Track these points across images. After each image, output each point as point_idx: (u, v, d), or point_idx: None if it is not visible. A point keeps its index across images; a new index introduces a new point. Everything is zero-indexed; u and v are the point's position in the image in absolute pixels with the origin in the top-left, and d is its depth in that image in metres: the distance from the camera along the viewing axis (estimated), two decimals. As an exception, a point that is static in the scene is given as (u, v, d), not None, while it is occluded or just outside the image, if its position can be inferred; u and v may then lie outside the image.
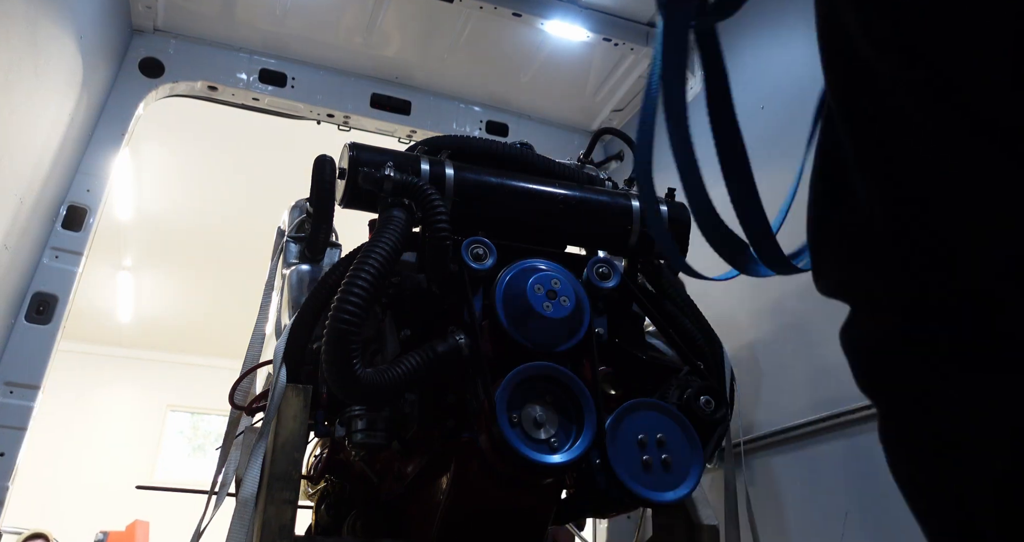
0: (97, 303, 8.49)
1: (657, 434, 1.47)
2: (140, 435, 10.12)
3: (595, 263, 1.64)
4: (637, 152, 0.96)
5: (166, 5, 3.75)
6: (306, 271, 1.89)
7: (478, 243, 1.55)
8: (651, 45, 3.95)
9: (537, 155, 1.83)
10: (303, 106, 4.09)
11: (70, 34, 3.00)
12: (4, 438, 2.91)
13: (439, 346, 1.42)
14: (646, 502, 1.44)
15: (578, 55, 4.18)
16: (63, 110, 3.13)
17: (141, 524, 6.37)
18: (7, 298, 2.97)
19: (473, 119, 4.40)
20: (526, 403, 1.41)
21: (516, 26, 3.92)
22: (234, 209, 6.70)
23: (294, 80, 4.04)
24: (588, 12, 3.85)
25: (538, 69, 4.26)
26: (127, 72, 3.73)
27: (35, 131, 2.91)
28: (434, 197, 1.50)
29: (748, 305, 3.12)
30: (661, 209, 1.82)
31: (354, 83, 4.17)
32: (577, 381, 1.45)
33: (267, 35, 3.99)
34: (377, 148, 1.64)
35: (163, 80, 3.79)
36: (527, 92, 4.40)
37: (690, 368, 1.63)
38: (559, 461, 1.38)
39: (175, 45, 3.87)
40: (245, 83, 3.94)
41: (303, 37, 4.01)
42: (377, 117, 4.18)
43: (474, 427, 1.43)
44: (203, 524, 1.67)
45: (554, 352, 1.51)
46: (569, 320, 1.52)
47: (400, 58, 4.18)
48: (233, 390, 1.82)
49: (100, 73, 3.47)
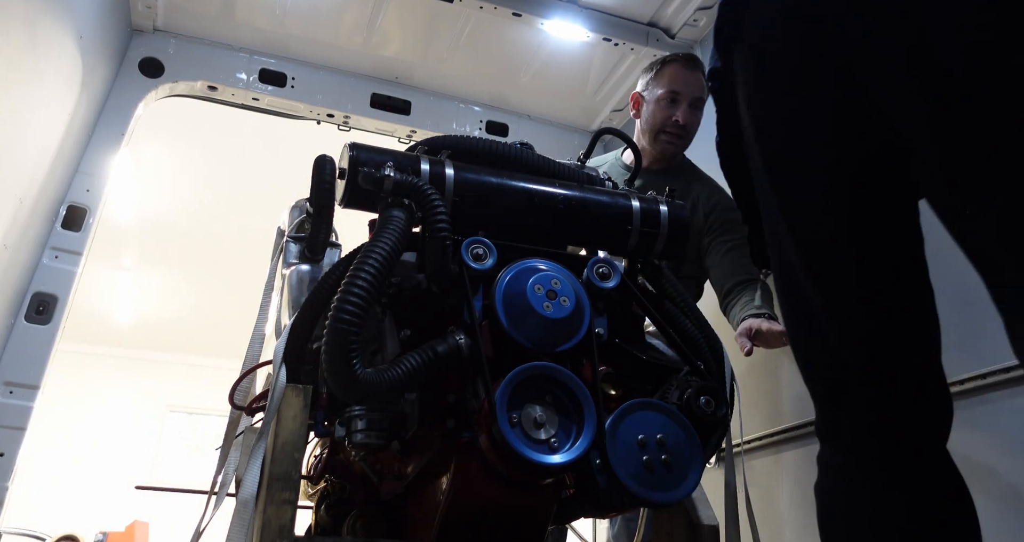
0: (96, 303, 8.49)
1: (657, 434, 1.47)
2: (139, 435, 10.12)
3: (595, 263, 1.64)
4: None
5: (166, 5, 3.75)
6: (306, 271, 1.88)
7: (478, 243, 1.54)
8: (651, 45, 3.95)
9: (537, 155, 1.82)
10: (303, 106, 4.09)
11: (70, 34, 3.00)
12: (4, 438, 2.91)
13: (439, 346, 1.42)
14: (646, 502, 1.44)
15: (578, 55, 4.18)
16: (63, 110, 3.13)
17: (140, 524, 6.37)
18: (7, 298, 2.97)
19: (473, 119, 4.40)
20: (526, 403, 1.41)
21: (516, 26, 3.92)
22: (234, 209, 6.70)
23: (294, 80, 4.04)
24: (588, 12, 3.85)
25: (538, 69, 4.26)
26: (127, 72, 3.73)
27: (35, 131, 2.91)
28: (434, 197, 1.50)
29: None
30: (661, 209, 1.82)
31: (354, 83, 4.17)
32: (577, 381, 1.44)
33: (267, 35, 3.99)
34: (377, 148, 1.64)
35: (163, 80, 3.79)
36: (527, 92, 4.40)
37: (690, 368, 1.63)
38: (559, 461, 1.38)
39: (175, 45, 3.87)
40: (245, 83, 3.94)
41: (303, 37, 4.01)
42: (377, 117, 4.18)
43: (474, 427, 1.43)
44: (202, 524, 1.67)
45: (554, 352, 1.50)
46: (569, 320, 1.52)
47: (400, 58, 4.18)
48: (233, 390, 1.81)
49: (100, 73, 3.47)
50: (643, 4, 3.86)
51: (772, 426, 2.76)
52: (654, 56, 3.97)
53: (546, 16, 3.79)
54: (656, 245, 1.80)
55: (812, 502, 1.30)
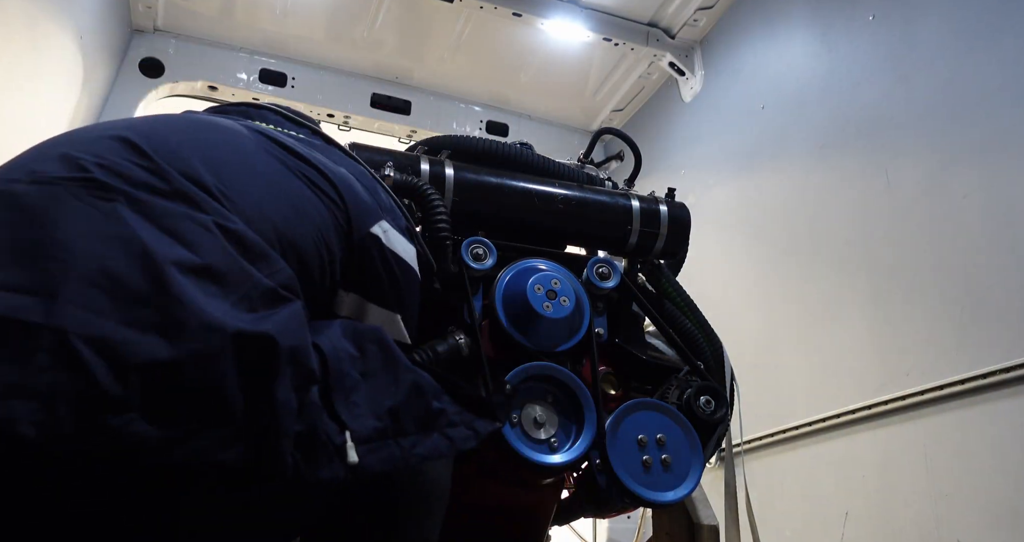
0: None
1: (657, 434, 1.47)
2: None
3: (595, 263, 1.64)
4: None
5: (166, 5, 3.75)
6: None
7: (478, 243, 1.55)
8: (651, 45, 3.95)
9: (537, 155, 1.82)
10: (303, 106, 4.08)
11: (70, 34, 3.00)
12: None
13: (439, 346, 1.42)
14: (646, 502, 1.44)
15: (578, 55, 4.18)
16: (63, 110, 3.13)
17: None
18: (7, 298, 2.96)
19: (473, 119, 4.40)
20: (526, 403, 1.41)
21: (516, 26, 3.92)
22: (234, 209, 6.70)
23: (294, 80, 4.04)
24: (588, 12, 3.85)
25: (538, 69, 4.26)
26: (127, 72, 3.73)
27: (35, 131, 2.91)
28: (434, 197, 1.50)
29: (748, 305, 3.12)
30: (661, 209, 1.82)
31: (354, 83, 4.17)
32: (577, 381, 1.45)
33: (267, 35, 3.99)
34: (377, 148, 1.64)
35: (163, 80, 3.79)
36: (527, 92, 4.40)
37: (690, 368, 1.63)
38: (559, 461, 1.38)
39: (175, 45, 3.87)
40: (245, 83, 3.94)
41: (303, 37, 4.01)
42: (377, 117, 4.18)
43: (474, 427, 1.43)
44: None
45: (554, 352, 1.50)
46: (569, 320, 1.52)
47: (400, 58, 4.18)
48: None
49: (100, 73, 3.47)
50: (643, 4, 3.86)
51: (772, 426, 2.76)
52: (654, 56, 3.97)
53: (546, 16, 3.79)
54: (656, 245, 1.81)
55: (812, 502, 1.30)
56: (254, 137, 1.06)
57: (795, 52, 3.19)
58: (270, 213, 0.95)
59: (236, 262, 0.84)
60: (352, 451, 0.84)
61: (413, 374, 0.99)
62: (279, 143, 1.08)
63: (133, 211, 0.82)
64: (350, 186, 1.09)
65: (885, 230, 2.47)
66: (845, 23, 2.91)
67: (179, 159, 0.92)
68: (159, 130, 0.99)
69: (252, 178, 0.98)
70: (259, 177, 0.99)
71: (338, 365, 0.90)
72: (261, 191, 0.97)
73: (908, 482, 2.18)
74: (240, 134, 1.05)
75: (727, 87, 3.65)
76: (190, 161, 0.93)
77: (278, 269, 0.90)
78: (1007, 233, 2.05)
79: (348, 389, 0.89)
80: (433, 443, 0.96)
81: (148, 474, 0.76)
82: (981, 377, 2.00)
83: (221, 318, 0.76)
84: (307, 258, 0.97)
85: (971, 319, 2.10)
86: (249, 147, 1.03)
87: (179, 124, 1.05)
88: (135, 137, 0.93)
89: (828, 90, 2.92)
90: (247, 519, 0.87)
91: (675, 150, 3.93)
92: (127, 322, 0.72)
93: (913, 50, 2.53)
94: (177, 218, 0.85)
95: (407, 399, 0.96)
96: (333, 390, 0.87)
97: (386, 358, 0.98)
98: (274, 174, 1.01)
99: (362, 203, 1.10)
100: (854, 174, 2.68)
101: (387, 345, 1.00)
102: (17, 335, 0.69)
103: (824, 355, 2.60)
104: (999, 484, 1.93)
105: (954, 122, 2.30)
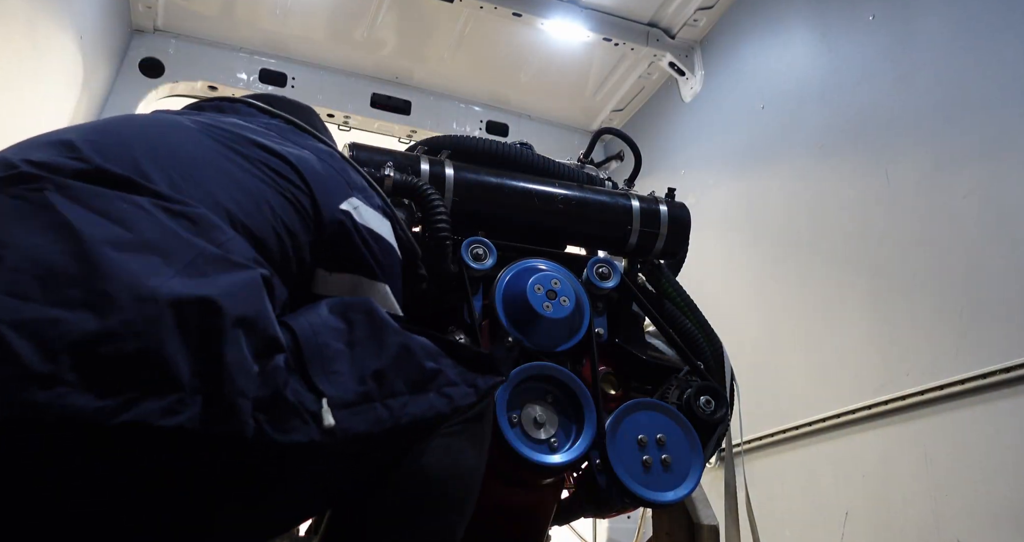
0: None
1: (657, 434, 1.47)
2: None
3: (595, 263, 1.64)
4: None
5: (166, 5, 3.75)
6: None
7: (478, 243, 1.55)
8: (651, 45, 3.95)
9: (537, 155, 1.83)
10: (303, 106, 4.08)
11: (70, 34, 3.00)
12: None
13: (439, 346, 1.42)
14: (646, 502, 1.44)
15: (578, 55, 4.18)
16: (63, 110, 3.13)
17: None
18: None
19: (473, 119, 4.40)
20: (526, 403, 1.41)
21: (516, 26, 3.92)
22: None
23: (294, 80, 4.04)
24: (588, 12, 3.85)
25: (538, 69, 4.26)
26: (127, 72, 3.73)
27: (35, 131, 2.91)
28: (434, 197, 1.50)
29: (748, 305, 3.12)
30: (661, 209, 1.82)
31: (354, 83, 4.17)
32: (577, 381, 1.45)
33: (267, 35, 3.99)
34: (377, 148, 1.64)
35: (163, 80, 3.79)
36: (527, 92, 4.40)
37: (690, 368, 1.63)
38: (559, 461, 1.38)
39: (175, 45, 3.87)
40: (245, 83, 3.94)
41: (303, 37, 4.01)
42: (377, 117, 4.18)
43: (474, 427, 1.43)
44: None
45: (554, 352, 1.51)
46: (569, 320, 1.52)
47: (400, 58, 4.18)
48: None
49: (100, 73, 3.47)
50: (643, 4, 3.86)
51: (772, 426, 2.76)
52: (654, 56, 3.97)
53: (546, 16, 3.79)
54: (656, 245, 1.81)
55: (812, 502, 1.30)
56: (207, 132, 1.07)
57: (795, 52, 3.19)
58: (223, 200, 0.96)
59: (177, 235, 0.85)
60: (328, 414, 0.85)
61: (402, 337, 1.00)
62: (240, 136, 1.08)
63: (62, 196, 0.84)
64: (312, 168, 1.10)
65: (885, 230, 2.47)
66: (845, 23, 2.91)
67: (123, 152, 0.94)
68: (107, 129, 1.01)
69: (202, 169, 0.99)
70: (208, 167, 1.00)
71: (313, 339, 0.90)
72: (212, 181, 0.98)
73: (908, 482, 2.18)
74: (190, 129, 1.07)
75: (727, 87, 3.65)
76: (133, 154, 0.94)
77: (227, 238, 0.91)
78: (1007, 233, 2.04)
79: (328, 359, 0.90)
80: (428, 402, 0.97)
81: (148, 474, 0.76)
82: (981, 377, 2.00)
83: (156, 287, 0.78)
84: (266, 243, 0.98)
85: (971, 319, 2.10)
86: (200, 141, 1.04)
87: (128, 122, 1.07)
88: (75, 138, 0.95)
89: (828, 90, 2.92)
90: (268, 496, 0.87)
91: (675, 150, 3.93)
92: (55, 303, 0.74)
93: (913, 50, 2.53)
94: (108, 199, 0.86)
95: (395, 361, 0.96)
96: (310, 363, 0.88)
97: (373, 325, 0.99)
98: (226, 164, 1.02)
99: (327, 183, 1.11)
100: (854, 174, 2.68)
101: (375, 313, 1.01)
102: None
103: (824, 355, 2.60)
104: (999, 484, 1.93)
105: (954, 122, 2.30)
